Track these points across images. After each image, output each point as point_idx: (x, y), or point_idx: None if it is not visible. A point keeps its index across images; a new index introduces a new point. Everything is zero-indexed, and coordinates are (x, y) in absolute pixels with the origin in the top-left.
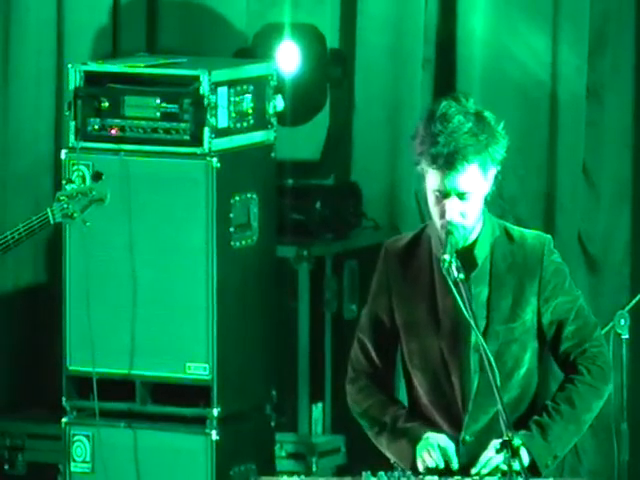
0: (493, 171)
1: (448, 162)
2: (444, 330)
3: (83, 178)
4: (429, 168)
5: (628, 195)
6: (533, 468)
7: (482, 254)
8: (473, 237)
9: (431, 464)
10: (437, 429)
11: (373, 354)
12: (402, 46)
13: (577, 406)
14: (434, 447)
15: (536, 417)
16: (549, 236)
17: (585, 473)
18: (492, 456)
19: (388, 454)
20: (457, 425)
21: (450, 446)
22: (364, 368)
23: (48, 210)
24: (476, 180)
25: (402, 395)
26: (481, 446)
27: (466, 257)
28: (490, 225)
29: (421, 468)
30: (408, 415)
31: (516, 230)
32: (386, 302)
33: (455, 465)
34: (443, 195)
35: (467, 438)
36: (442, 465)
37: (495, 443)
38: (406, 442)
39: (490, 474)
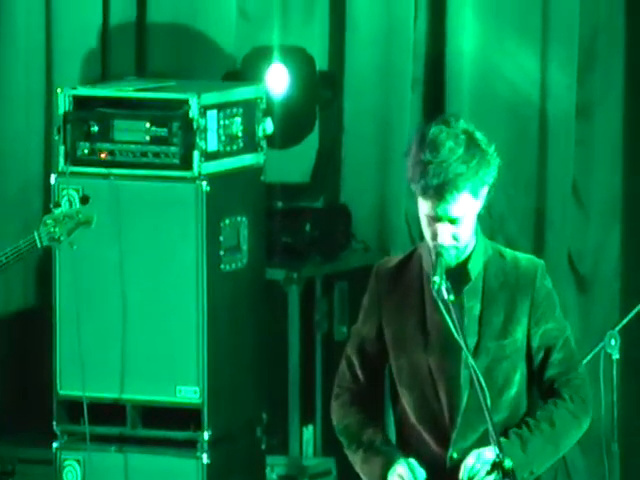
0: (485, 189)
1: (438, 193)
2: (433, 345)
3: (71, 203)
4: (421, 197)
5: (618, 213)
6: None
7: (475, 269)
8: (467, 253)
9: None
10: (424, 447)
11: (359, 372)
12: (391, 65)
13: (557, 428)
14: (405, 470)
15: (516, 429)
16: (542, 261)
17: None
18: (473, 465)
19: (361, 474)
20: (444, 442)
21: (421, 472)
22: (349, 385)
23: (35, 234)
24: (467, 205)
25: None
26: None
27: (460, 271)
28: (483, 243)
29: None
30: (385, 438)
31: (509, 252)
32: (376, 320)
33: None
34: (435, 220)
35: (455, 455)
36: None
37: (475, 453)
38: (378, 464)
39: None
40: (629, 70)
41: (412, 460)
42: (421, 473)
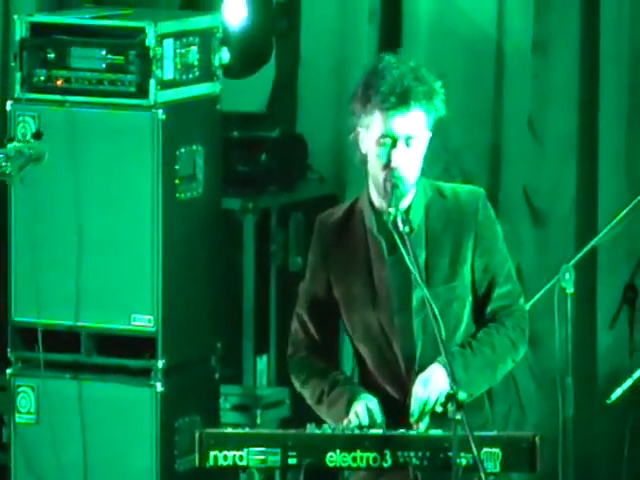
0: (428, 134)
1: (399, 99)
2: (381, 303)
3: (24, 135)
4: (376, 111)
5: (574, 149)
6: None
7: (417, 217)
8: (408, 201)
9: (355, 422)
10: (383, 394)
11: (312, 330)
12: None
13: (497, 354)
14: (363, 410)
15: (459, 349)
16: (482, 190)
17: (530, 427)
18: (422, 397)
19: (329, 419)
20: (402, 390)
21: (378, 414)
22: (303, 343)
23: None
24: (421, 125)
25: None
26: None
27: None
28: (422, 188)
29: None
30: (346, 378)
31: (448, 187)
32: (324, 277)
33: (378, 421)
34: (392, 138)
35: None
36: (366, 422)
37: (421, 380)
38: (342, 404)
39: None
40: (585, 5)
41: (372, 401)
42: (379, 414)
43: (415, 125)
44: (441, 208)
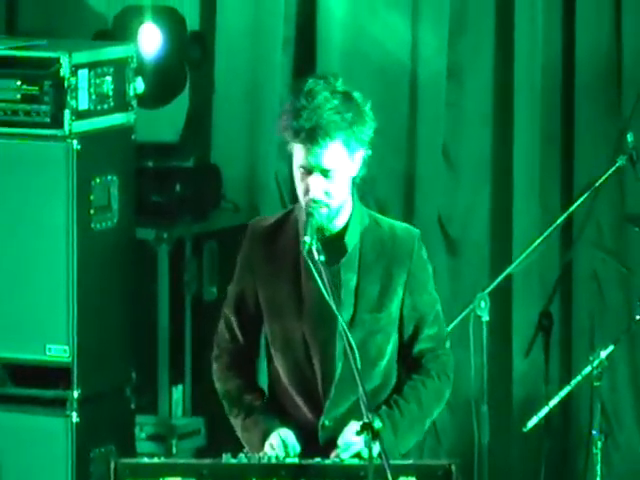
0: (361, 153)
1: (310, 137)
2: (307, 314)
3: None
4: (294, 142)
5: (487, 175)
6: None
7: (352, 241)
8: (342, 223)
9: (271, 454)
10: (296, 410)
11: (237, 331)
12: (262, 26)
13: (424, 409)
14: (278, 443)
15: (386, 409)
16: (418, 231)
17: (445, 454)
18: (352, 442)
19: (242, 440)
20: (316, 409)
21: (294, 445)
22: (227, 345)
23: None
24: (340, 158)
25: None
26: (339, 431)
27: (337, 243)
28: (360, 213)
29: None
30: (264, 405)
31: (385, 220)
32: (251, 281)
33: (292, 455)
34: (307, 171)
35: (327, 423)
36: (282, 455)
37: (353, 427)
38: (257, 434)
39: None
40: (498, 33)
41: (286, 432)
42: (293, 445)
43: (332, 158)
44: (377, 237)
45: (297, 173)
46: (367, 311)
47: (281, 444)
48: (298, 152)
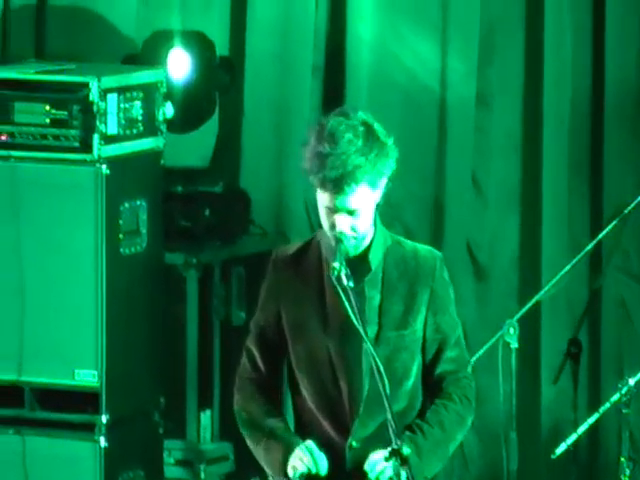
0: (383, 181)
1: (337, 186)
2: (332, 330)
3: None
4: (318, 186)
5: (516, 202)
6: None
7: (376, 259)
8: (366, 243)
9: (302, 469)
10: (323, 435)
11: (259, 362)
12: (291, 53)
13: (448, 432)
14: (305, 453)
15: (410, 434)
16: (440, 253)
17: None
18: (382, 466)
19: (264, 465)
20: (344, 430)
21: (321, 455)
22: (250, 375)
23: None
24: (365, 197)
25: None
26: (367, 453)
27: (360, 261)
28: (382, 234)
29: (291, 474)
30: (286, 426)
31: (408, 243)
32: (274, 308)
33: (323, 471)
34: (333, 212)
35: (354, 444)
36: (313, 469)
37: (379, 454)
38: (279, 451)
39: None
40: (528, 60)
41: (311, 443)
42: (320, 456)
43: (357, 201)
44: (399, 257)
45: (322, 210)
46: (392, 329)
47: (309, 455)
48: (323, 195)
